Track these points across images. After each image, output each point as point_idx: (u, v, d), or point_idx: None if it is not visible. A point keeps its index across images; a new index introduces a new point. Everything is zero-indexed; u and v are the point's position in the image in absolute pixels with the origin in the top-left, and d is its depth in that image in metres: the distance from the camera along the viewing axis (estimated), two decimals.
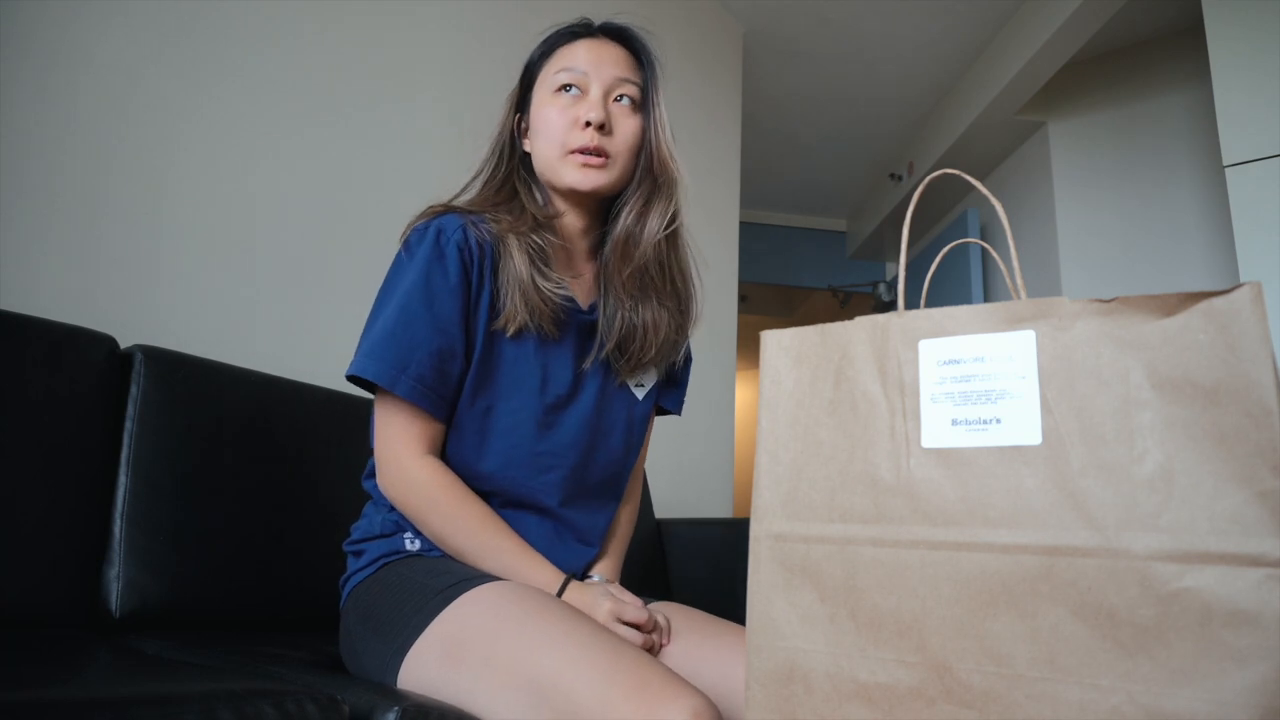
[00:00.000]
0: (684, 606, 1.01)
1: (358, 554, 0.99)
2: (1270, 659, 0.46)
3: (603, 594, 0.91)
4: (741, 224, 3.65)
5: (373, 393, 0.96)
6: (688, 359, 1.17)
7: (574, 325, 1.02)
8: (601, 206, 1.05)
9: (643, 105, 1.03)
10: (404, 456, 0.93)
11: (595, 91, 0.99)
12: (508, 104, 1.07)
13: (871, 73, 3.62)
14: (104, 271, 1.38)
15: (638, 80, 1.03)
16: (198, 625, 1.13)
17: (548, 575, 0.93)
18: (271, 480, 1.25)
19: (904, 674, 0.55)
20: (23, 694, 0.61)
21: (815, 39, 3.40)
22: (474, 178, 1.06)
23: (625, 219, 1.02)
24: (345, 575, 0.99)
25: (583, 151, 0.98)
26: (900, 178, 4.25)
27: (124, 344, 1.19)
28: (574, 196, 1.02)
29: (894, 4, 3.17)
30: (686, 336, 1.12)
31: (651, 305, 1.04)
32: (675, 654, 0.92)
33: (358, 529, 1.01)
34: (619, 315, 1.03)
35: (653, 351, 1.05)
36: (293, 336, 1.63)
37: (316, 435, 1.33)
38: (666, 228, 1.03)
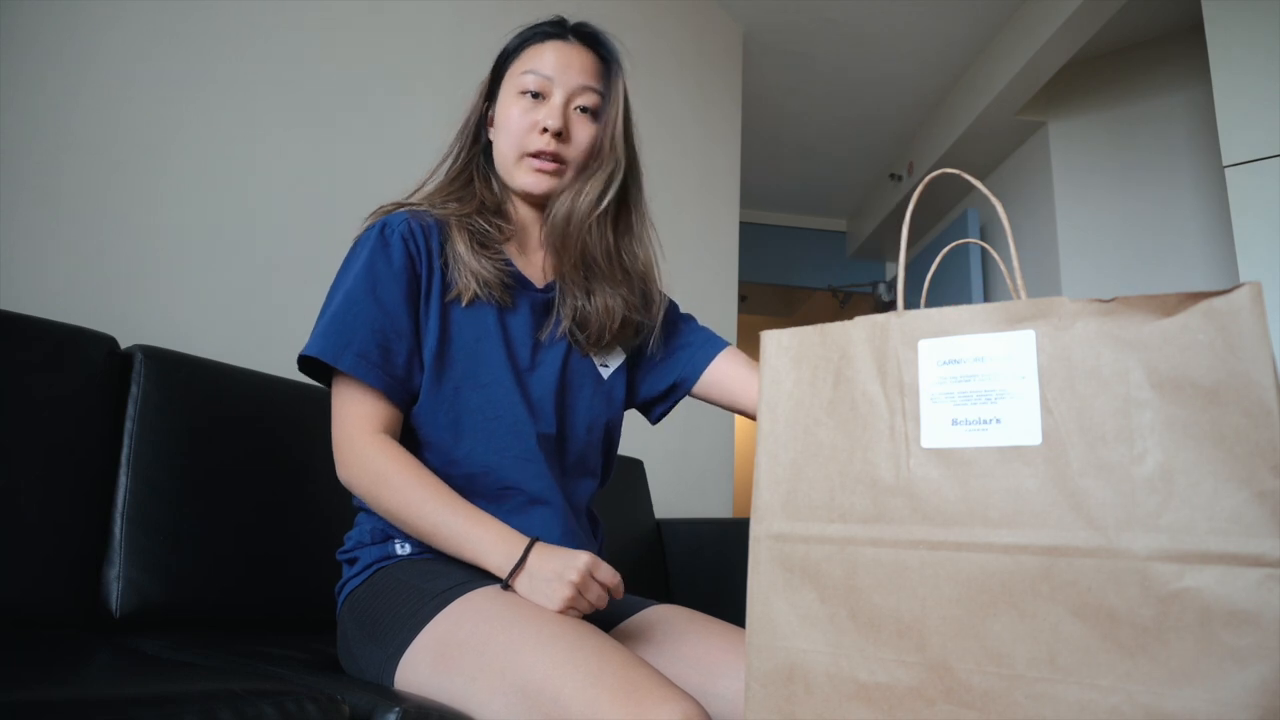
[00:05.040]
0: (684, 608, 1.01)
1: (351, 561, 0.99)
2: (1270, 659, 0.46)
3: (578, 551, 0.86)
4: (741, 224, 3.66)
5: (329, 387, 0.97)
6: (687, 335, 1.15)
7: (528, 299, 1.04)
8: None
9: (601, 110, 1.05)
10: (354, 436, 0.92)
11: (557, 98, 1.02)
12: (478, 92, 1.10)
13: (871, 73, 3.62)
14: (104, 271, 1.38)
15: (599, 88, 1.05)
16: (198, 625, 1.13)
17: (508, 539, 0.87)
18: (271, 480, 1.25)
19: (904, 674, 0.55)
20: (23, 694, 0.61)
21: (815, 39, 3.40)
22: (441, 161, 1.10)
23: (557, 207, 1.03)
24: (340, 582, 1.00)
25: (538, 155, 1.01)
26: (900, 178, 4.25)
27: (124, 344, 1.19)
28: (527, 196, 1.05)
29: (894, 4, 3.17)
30: (652, 319, 1.11)
31: (603, 292, 1.05)
32: (675, 656, 0.92)
33: (350, 538, 1.01)
34: (569, 301, 1.05)
35: (608, 336, 1.07)
36: (293, 336, 1.62)
37: (316, 435, 1.33)
38: (597, 206, 1.02)
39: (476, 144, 1.09)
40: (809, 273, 5.10)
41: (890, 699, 0.56)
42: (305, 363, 0.96)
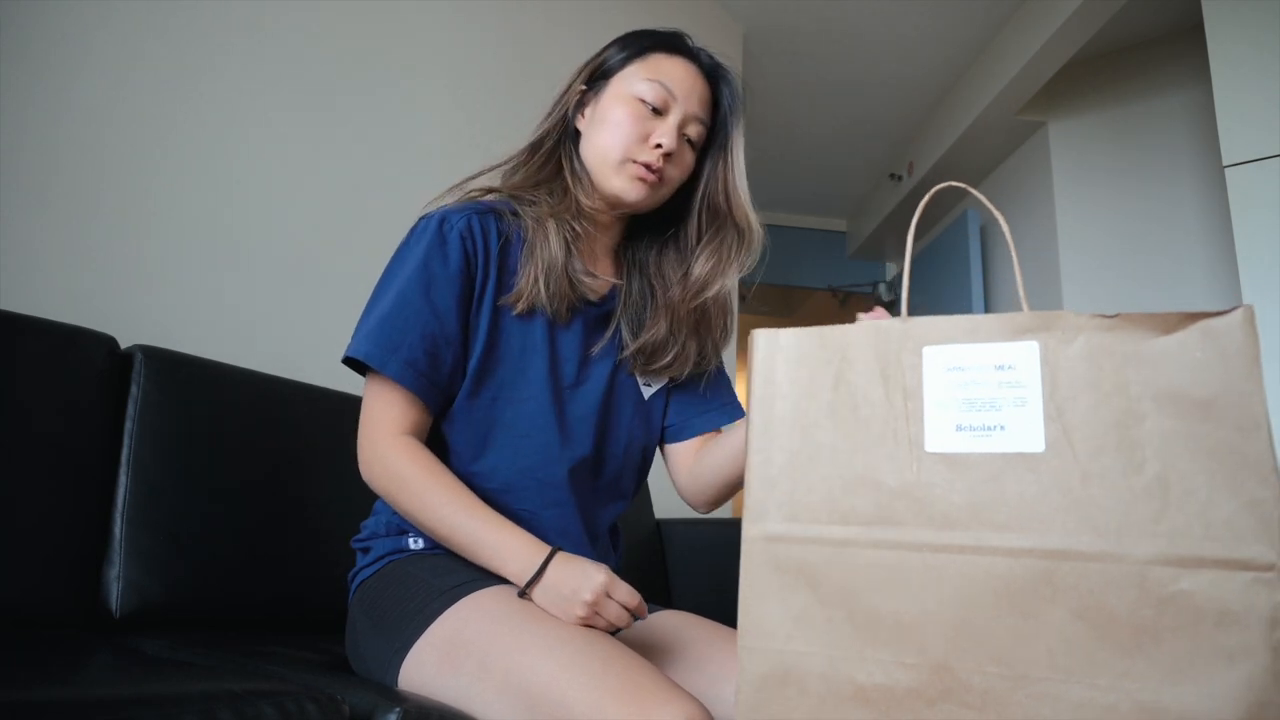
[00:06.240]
0: (689, 614, 1.01)
1: (365, 550, 0.99)
2: (1256, 657, 0.49)
3: (597, 567, 0.85)
4: None
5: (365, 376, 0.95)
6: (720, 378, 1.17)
7: (583, 315, 1.02)
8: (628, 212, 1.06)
9: (707, 146, 1.06)
10: (380, 437, 0.91)
11: (674, 118, 1.00)
12: (580, 73, 1.06)
13: (871, 73, 3.62)
14: (104, 271, 1.38)
15: (708, 122, 1.04)
16: (198, 625, 1.13)
17: (527, 548, 0.86)
18: (272, 480, 1.25)
19: (903, 675, 0.56)
20: (23, 694, 0.62)
21: (815, 39, 3.40)
22: (532, 141, 1.06)
23: (705, 265, 1.05)
24: (353, 570, 1.00)
25: (645, 166, 0.99)
26: (900, 178, 4.25)
27: (124, 344, 1.19)
28: (612, 200, 1.02)
29: (894, 4, 3.17)
30: (713, 363, 1.12)
31: (699, 335, 1.07)
32: (680, 661, 0.92)
33: (366, 526, 1.01)
34: (658, 334, 1.04)
35: (677, 372, 1.08)
36: (293, 336, 1.63)
37: (316, 435, 1.33)
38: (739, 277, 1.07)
39: (566, 128, 1.05)
40: (809, 273, 5.10)
41: (889, 700, 0.56)
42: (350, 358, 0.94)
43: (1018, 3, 3.13)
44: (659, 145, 0.98)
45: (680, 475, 1.12)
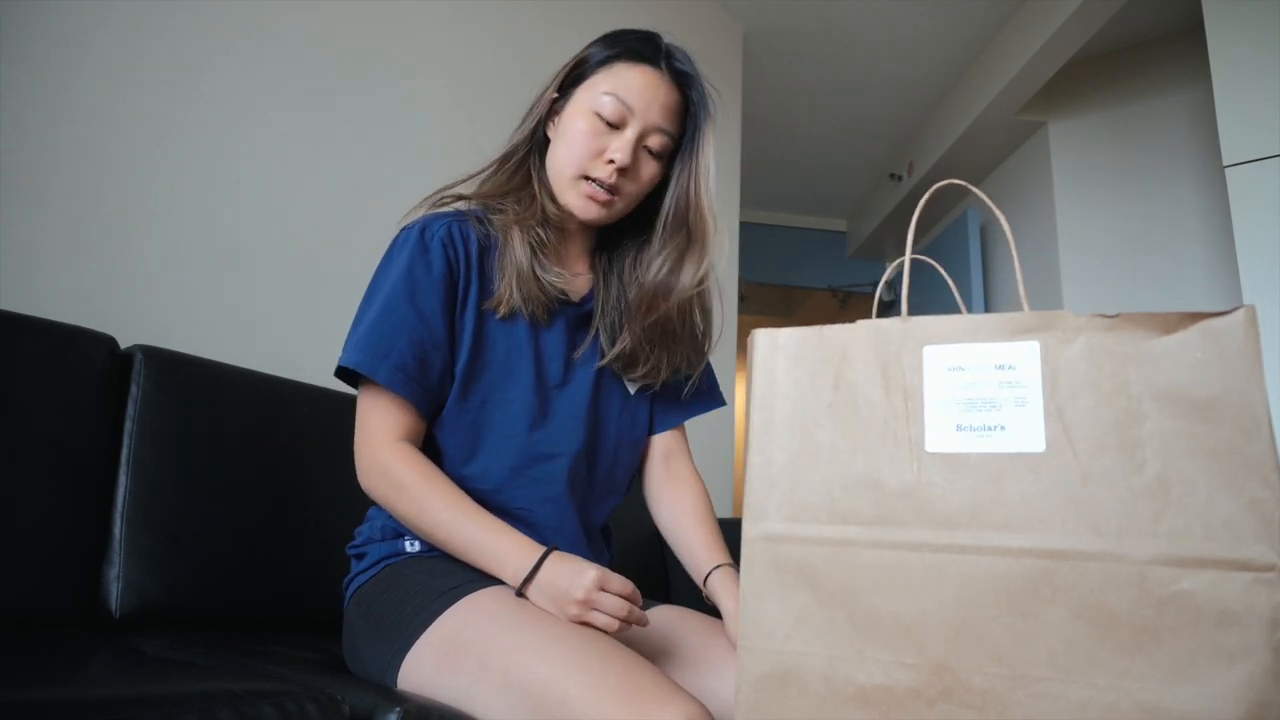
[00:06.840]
0: (684, 609, 1.01)
1: (360, 556, 0.99)
2: (1256, 657, 0.49)
3: (590, 564, 0.85)
4: (741, 224, 3.66)
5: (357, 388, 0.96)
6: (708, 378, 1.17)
7: (564, 315, 1.03)
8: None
9: (674, 154, 1.04)
10: (377, 444, 0.92)
11: (631, 132, 0.98)
12: (554, 80, 1.05)
13: (871, 73, 3.62)
14: (104, 271, 1.38)
15: (674, 131, 1.02)
16: (198, 625, 1.13)
17: (522, 550, 0.87)
18: (271, 480, 1.25)
19: (903, 675, 0.56)
20: (23, 694, 0.62)
21: (815, 39, 3.40)
22: (504, 151, 1.06)
23: (658, 272, 1.03)
24: (349, 577, 1.00)
25: (596, 183, 0.98)
26: (900, 178, 4.25)
27: (124, 344, 1.19)
28: (569, 213, 1.02)
29: (894, 4, 3.17)
30: (695, 369, 1.12)
31: (668, 347, 1.06)
32: (677, 656, 0.92)
33: (360, 533, 1.01)
34: (627, 344, 1.03)
35: (652, 379, 1.07)
36: (293, 336, 1.63)
37: (317, 435, 1.33)
38: (699, 285, 1.04)
39: (535, 136, 1.05)
40: (809, 273, 5.10)
41: (889, 700, 0.56)
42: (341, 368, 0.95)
43: (1018, 3, 3.13)
44: (612, 161, 0.98)
45: (649, 471, 1.14)
